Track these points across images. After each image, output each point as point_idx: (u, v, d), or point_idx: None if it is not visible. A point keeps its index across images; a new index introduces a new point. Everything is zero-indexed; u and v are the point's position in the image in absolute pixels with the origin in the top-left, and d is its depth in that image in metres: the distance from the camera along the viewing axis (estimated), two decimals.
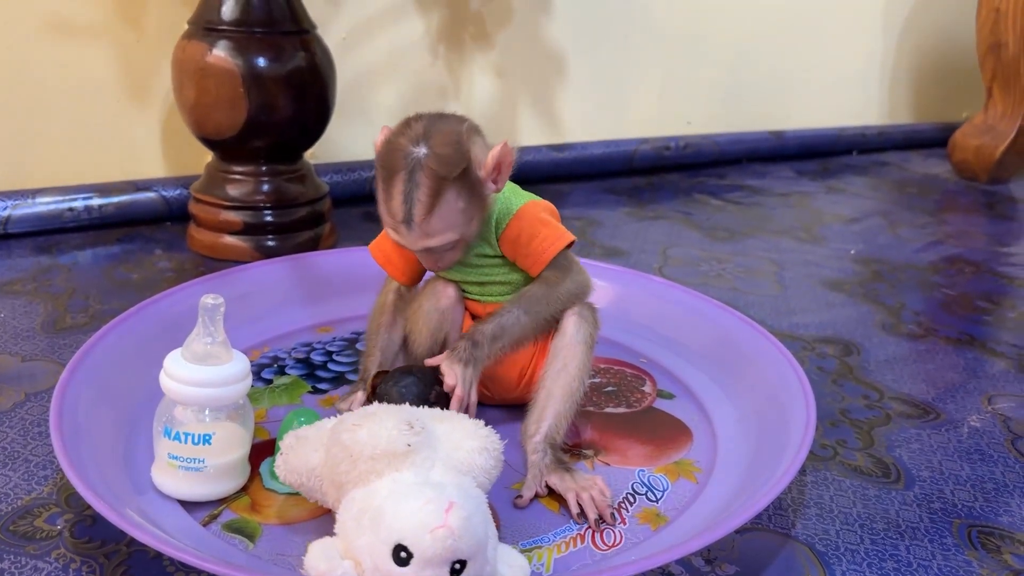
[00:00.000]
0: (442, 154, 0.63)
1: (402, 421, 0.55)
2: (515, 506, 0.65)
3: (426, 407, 0.62)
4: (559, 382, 0.70)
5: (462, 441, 0.58)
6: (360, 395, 0.74)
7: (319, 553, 0.51)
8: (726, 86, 1.84)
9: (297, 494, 0.65)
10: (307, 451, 0.59)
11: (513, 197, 0.72)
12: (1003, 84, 1.76)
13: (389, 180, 0.64)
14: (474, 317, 0.75)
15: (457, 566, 0.50)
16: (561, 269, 0.71)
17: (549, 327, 0.72)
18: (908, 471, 0.73)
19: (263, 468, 0.68)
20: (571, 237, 0.72)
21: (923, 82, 2.11)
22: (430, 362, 0.68)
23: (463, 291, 0.75)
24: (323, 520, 0.61)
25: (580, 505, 0.64)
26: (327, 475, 0.57)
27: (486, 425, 0.60)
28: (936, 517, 0.67)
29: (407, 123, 0.65)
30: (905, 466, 0.74)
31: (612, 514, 0.64)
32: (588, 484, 0.65)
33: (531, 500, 0.66)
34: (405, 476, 0.54)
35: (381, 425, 0.55)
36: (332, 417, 0.62)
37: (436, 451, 0.56)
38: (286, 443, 0.60)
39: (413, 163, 0.63)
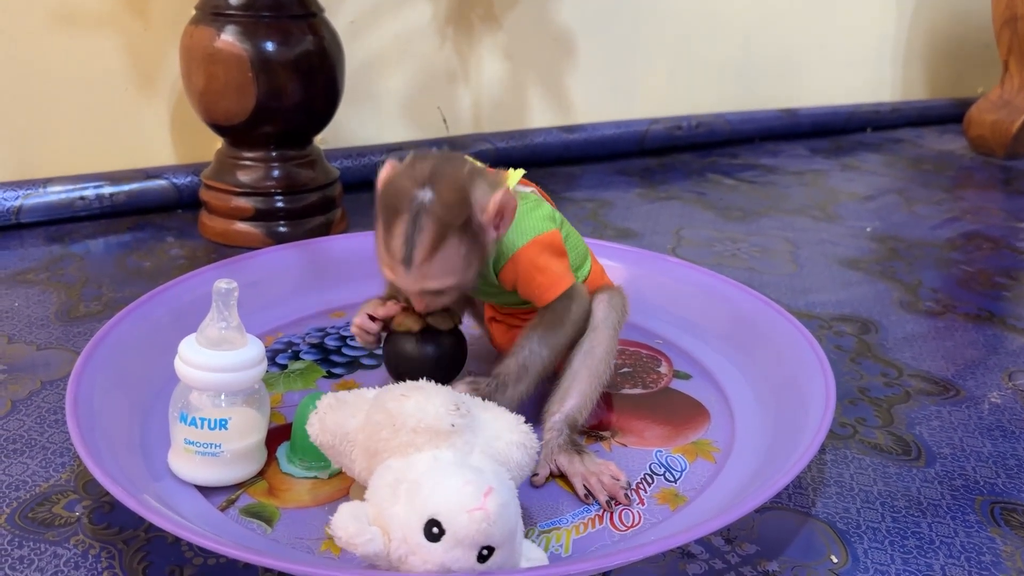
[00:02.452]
0: (447, 201, 0.62)
1: (450, 401, 0.55)
2: (532, 485, 0.65)
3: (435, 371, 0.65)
4: (586, 363, 0.70)
5: (503, 433, 0.58)
6: (394, 306, 0.72)
7: (348, 515, 0.50)
8: (738, 64, 1.82)
9: (315, 478, 0.65)
10: (345, 414, 0.58)
11: (515, 231, 0.69)
12: (1020, 58, 1.73)
13: (391, 220, 0.62)
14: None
15: (485, 552, 0.49)
16: (566, 297, 0.70)
17: (565, 353, 0.71)
18: (929, 448, 0.73)
19: (280, 452, 0.67)
20: (568, 283, 0.70)
21: (937, 57, 2.09)
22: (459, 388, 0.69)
23: None
24: (341, 503, 0.61)
25: (588, 488, 0.63)
26: (362, 441, 0.56)
27: (527, 422, 0.60)
28: (958, 494, 0.67)
29: (412, 163, 0.64)
30: (926, 443, 0.73)
31: (627, 495, 0.63)
32: (598, 469, 0.64)
33: (546, 479, 0.65)
34: (445, 455, 0.53)
35: (429, 400, 0.55)
36: (373, 388, 0.61)
37: (477, 437, 0.56)
38: (324, 402, 0.59)
39: (417, 207, 0.61)
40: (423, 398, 0.55)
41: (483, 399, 0.63)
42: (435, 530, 0.49)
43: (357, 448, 0.57)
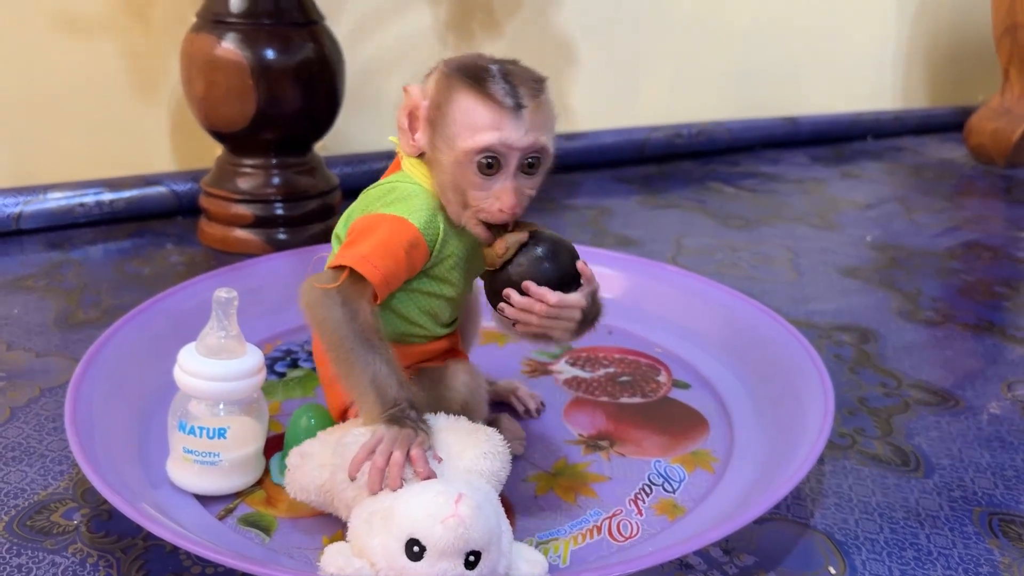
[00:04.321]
0: (526, 67, 0.60)
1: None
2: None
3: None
4: None
5: (465, 449, 0.57)
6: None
7: (335, 552, 0.52)
8: (738, 72, 1.82)
9: None
10: (312, 466, 0.59)
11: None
12: (1020, 66, 1.73)
13: (481, 83, 0.57)
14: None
15: (471, 558, 0.50)
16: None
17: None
18: (927, 459, 0.73)
19: (272, 463, 0.67)
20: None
21: (938, 65, 2.09)
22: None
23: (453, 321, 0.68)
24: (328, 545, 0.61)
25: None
26: (336, 493, 0.57)
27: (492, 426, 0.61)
28: (956, 505, 0.66)
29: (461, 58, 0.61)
30: (924, 454, 0.73)
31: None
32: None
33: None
34: (412, 477, 0.54)
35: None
36: (336, 426, 0.62)
37: (443, 465, 0.56)
38: (292, 461, 0.60)
39: (502, 69, 0.59)
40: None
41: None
42: (415, 548, 0.49)
43: (335, 498, 0.57)
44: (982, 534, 0.63)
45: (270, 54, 1.05)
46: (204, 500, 0.62)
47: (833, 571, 0.58)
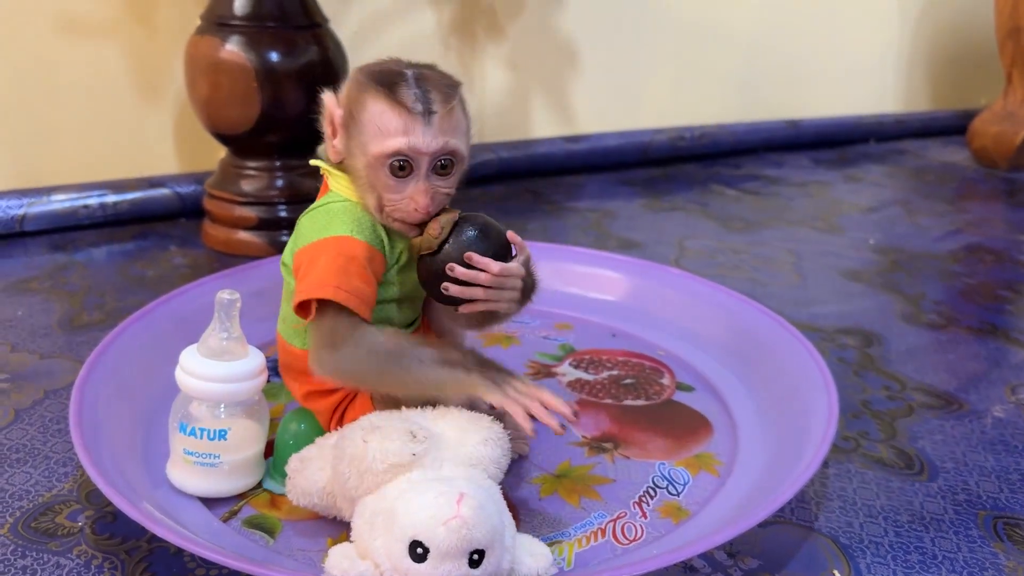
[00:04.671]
0: (440, 71, 0.62)
1: (406, 432, 0.55)
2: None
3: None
4: None
5: (464, 436, 0.57)
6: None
7: (339, 555, 0.52)
8: (741, 75, 1.82)
9: None
10: (313, 470, 0.59)
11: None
12: (1023, 69, 1.73)
13: (393, 89, 0.59)
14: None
15: (475, 556, 0.50)
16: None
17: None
18: (932, 463, 0.72)
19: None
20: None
21: (940, 69, 2.09)
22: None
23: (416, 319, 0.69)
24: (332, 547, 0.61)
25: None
26: (338, 491, 0.57)
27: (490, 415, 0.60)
28: (961, 509, 0.66)
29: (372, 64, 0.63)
30: (928, 457, 0.73)
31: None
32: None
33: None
34: (414, 475, 0.54)
35: (387, 438, 0.54)
36: (332, 432, 0.62)
37: (442, 451, 0.56)
38: (291, 467, 0.60)
39: (416, 75, 0.60)
40: (381, 438, 0.55)
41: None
42: (419, 550, 0.49)
43: (337, 498, 0.57)
44: (987, 538, 0.63)
45: (274, 57, 1.05)
46: (208, 502, 0.62)
47: (838, 574, 0.58)
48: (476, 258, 0.59)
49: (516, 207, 1.39)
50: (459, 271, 0.59)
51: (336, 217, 0.61)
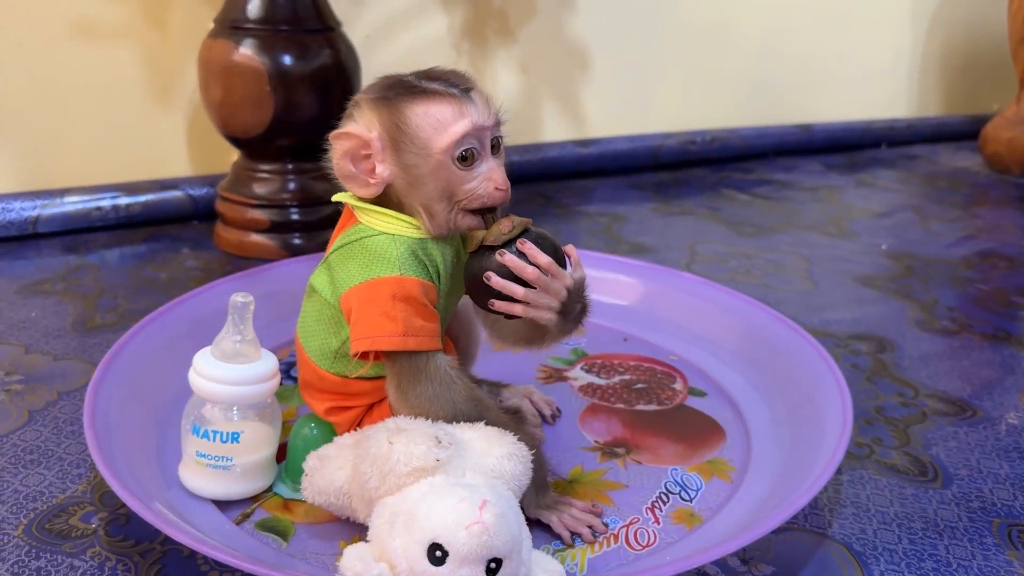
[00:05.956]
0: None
1: (431, 436, 0.55)
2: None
3: None
4: None
5: (490, 448, 0.57)
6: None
7: (353, 556, 0.51)
8: (752, 79, 1.82)
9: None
10: (331, 469, 0.59)
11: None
12: None
13: (421, 87, 0.59)
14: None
15: (493, 565, 0.50)
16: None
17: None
18: (946, 469, 0.72)
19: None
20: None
21: (953, 74, 2.08)
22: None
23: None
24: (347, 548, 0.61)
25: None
26: (356, 492, 0.57)
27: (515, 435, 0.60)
28: (975, 516, 0.66)
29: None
30: (943, 464, 0.73)
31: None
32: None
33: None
34: (437, 480, 0.53)
35: (412, 442, 0.54)
36: (350, 433, 0.62)
37: (465, 460, 0.56)
38: (309, 464, 0.60)
39: (423, 72, 0.60)
40: (406, 441, 0.54)
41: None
42: (438, 553, 0.49)
43: (354, 499, 0.57)
44: (1001, 545, 0.63)
45: (287, 60, 1.05)
46: (221, 505, 0.63)
47: None
48: (529, 246, 0.58)
49: (526, 211, 1.39)
50: (508, 257, 0.58)
51: (379, 256, 0.59)
